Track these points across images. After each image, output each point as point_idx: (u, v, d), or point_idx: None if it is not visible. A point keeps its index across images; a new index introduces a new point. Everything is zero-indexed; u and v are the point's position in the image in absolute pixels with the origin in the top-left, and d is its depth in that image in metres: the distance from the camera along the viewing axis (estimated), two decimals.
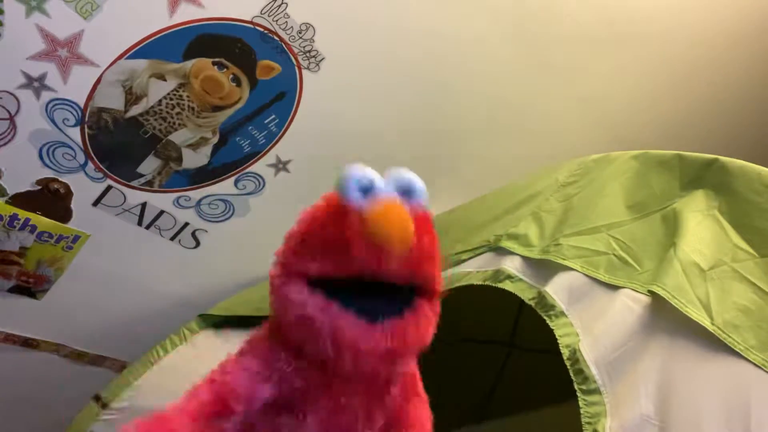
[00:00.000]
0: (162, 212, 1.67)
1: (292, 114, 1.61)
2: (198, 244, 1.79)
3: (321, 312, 0.60)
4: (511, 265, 1.08)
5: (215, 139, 1.58)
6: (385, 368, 0.65)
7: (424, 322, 0.64)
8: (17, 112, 1.37)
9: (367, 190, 0.59)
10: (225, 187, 1.68)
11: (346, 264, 0.60)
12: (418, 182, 0.62)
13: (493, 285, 1.08)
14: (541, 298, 0.98)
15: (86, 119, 1.43)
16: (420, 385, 0.78)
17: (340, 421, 0.68)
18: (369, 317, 0.61)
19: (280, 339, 0.66)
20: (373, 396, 0.69)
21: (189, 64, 1.43)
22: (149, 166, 1.56)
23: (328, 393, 0.66)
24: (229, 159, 1.63)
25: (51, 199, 1.53)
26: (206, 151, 1.59)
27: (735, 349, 0.74)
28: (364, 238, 0.58)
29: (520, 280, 1.05)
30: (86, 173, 1.52)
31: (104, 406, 1.50)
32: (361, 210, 0.58)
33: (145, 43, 1.36)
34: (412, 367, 0.77)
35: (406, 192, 0.61)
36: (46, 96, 1.37)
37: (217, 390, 0.64)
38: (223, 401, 0.63)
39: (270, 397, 0.65)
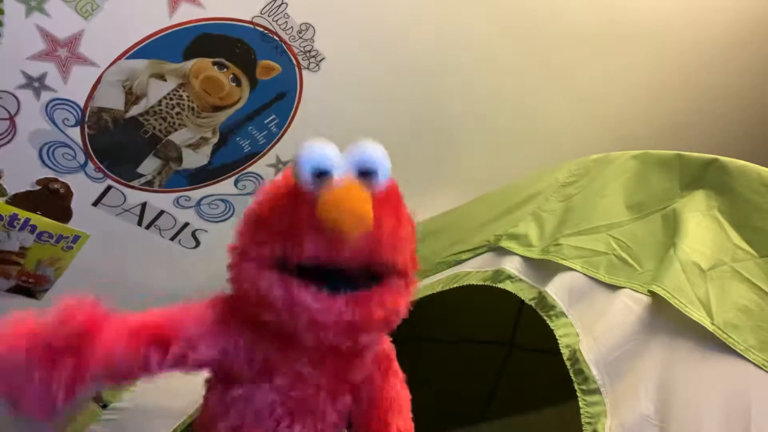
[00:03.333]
0: (162, 212, 1.67)
1: (292, 114, 1.61)
2: (198, 244, 1.79)
3: (278, 287, 0.58)
4: (511, 265, 1.08)
5: (215, 139, 1.58)
6: (349, 341, 0.62)
7: (393, 296, 0.62)
8: (17, 112, 1.37)
9: (322, 173, 0.56)
10: (225, 187, 1.68)
11: (299, 251, 0.57)
12: (379, 158, 0.59)
13: (493, 285, 1.08)
14: (541, 298, 0.98)
15: (86, 119, 1.43)
16: (395, 363, 0.76)
17: (300, 394, 0.65)
18: (330, 290, 0.58)
19: (240, 312, 0.64)
20: (339, 371, 0.67)
21: (189, 64, 1.43)
22: (149, 166, 1.56)
23: (289, 365, 0.64)
24: (229, 159, 1.63)
25: (51, 199, 1.53)
26: (206, 151, 1.59)
27: (735, 349, 0.74)
28: (315, 225, 0.55)
29: (520, 280, 1.05)
30: (86, 173, 1.52)
31: (104, 406, 1.50)
32: (314, 195, 0.55)
33: (145, 43, 1.36)
34: (387, 344, 0.75)
35: (367, 170, 0.58)
36: (46, 96, 1.37)
37: (165, 323, 0.62)
38: (163, 335, 0.61)
39: (214, 360, 0.63)
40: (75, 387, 0.55)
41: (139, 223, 1.67)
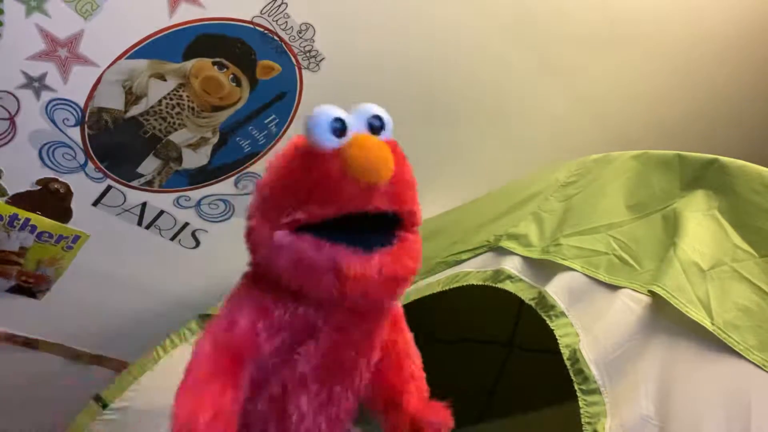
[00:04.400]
0: (162, 212, 1.67)
1: (292, 114, 1.61)
2: (198, 244, 1.79)
3: (316, 251, 0.61)
4: (511, 265, 1.08)
5: (215, 139, 1.58)
6: (387, 295, 0.66)
7: (413, 251, 0.66)
8: (17, 112, 1.37)
9: (339, 129, 0.60)
10: (225, 187, 1.68)
11: (335, 205, 0.60)
12: (383, 113, 0.64)
13: (493, 285, 1.09)
14: (542, 298, 0.98)
15: (86, 119, 1.43)
16: (405, 323, 0.80)
17: (341, 356, 0.69)
18: (363, 248, 0.61)
19: (272, 288, 0.66)
20: (372, 328, 0.71)
21: (189, 64, 1.43)
22: (149, 166, 1.56)
23: (328, 327, 0.67)
24: (229, 159, 1.63)
25: (51, 199, 1.53)
26: (206, 151, 1.59)
27: (735, 349, 0.74)
28: (349, 176, 0.58)
29: (520, 280, 1.05)
30: (86, 173, 1.52)
31: (104, 406, 1.50)
32: (339, 151, 0.59)
33: (145, 43, 1.36)
34: (397, 304, 0.79)
35: (374, 125, 0.62)
36: (46, 96, 1.37)
37: (225, 350, 0.64)
38: (233, 360, 0.63)
39: (273, 349, 0.66)
40: None
41: (139, 223, 1.67)
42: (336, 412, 0.70)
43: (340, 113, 0.61)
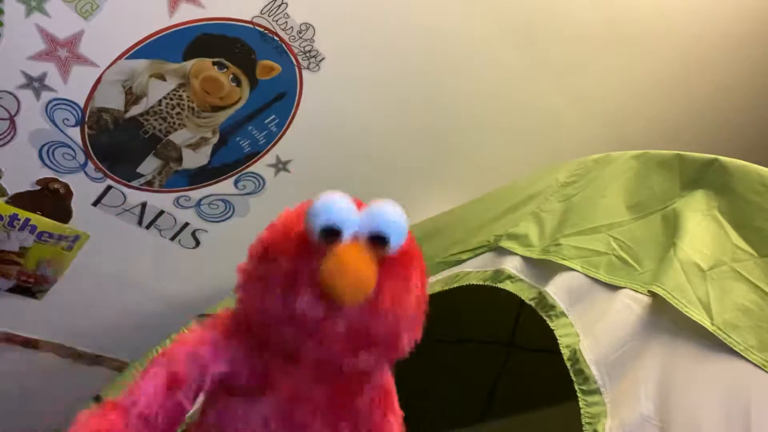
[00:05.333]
0: (162, 212, 1.67)
1: (292, 114, 1.61)
2: (198, 244, 1.79)
3: (279, 300, 0.59)
4: (511, 265, 1.08)
5: (215, 139, 1.58)
6: (348, 357, 0.61)
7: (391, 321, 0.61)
8: (17, 112, 1.37)
9: (331, 232, 0.55)
10: (225, 187, 1.68)
11: (292, 306, 0.57)
12: (395, 222, 0.57)
13: (493, 285, 1.08)
14: (542, 298, 0.98)
15: (86, 119, 1.43)
16: (395, 401, 0.74)
17: (297, 412, 0.65)
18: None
19: (244, 327, 0.65)
20: (337, 395, 0.67)
21: (189, 64, 1.43)
22: (149, 166, 1.56)
23: (289, 380, 0.64)
24: (229, 159, 1.63)
25: (51, 199, 1.53)
26: (206, 151, 1.59)
27: (735, 349, 0.74)
28: (316, 282, 0.55)
29: (520, 280, 1.05)
30: (86, 173, 1.52)
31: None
32: (321, 250, 0.55)
33: (145, 43, 1.36)
34: (387, 381, 0.74)
35: (379, 239, 0.56)
36: (46, 96, 1.37)
37: (172, 363, 0.63)
38: (177, 374, 0.62)
39: (225, 372, 0.64)
40: None
41: (139, 223, 1.67)
42: None
43: (343, 210, 0.56)
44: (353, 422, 0.69)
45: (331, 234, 0.55)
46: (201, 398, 0.68)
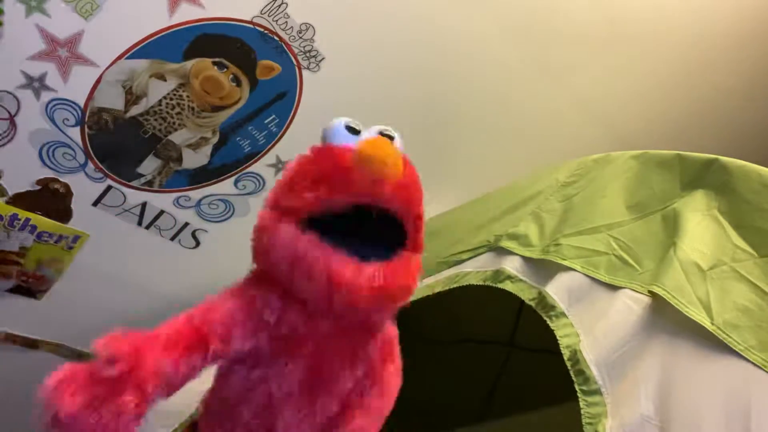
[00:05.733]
0: (162, 212, 1.67)
1: (292, 114, 1.61)
2: (198, 244, 1.79)
3: (314, 249, 0.62)
4: (511, 265, 1.08)
5: (215, 139, 1.58)
6: (375, 308, 0.66)
7: (410, 270, 0.67)
8: (17, 112, 1.37)
9: (354, 129, 0.66)
10: (225, 187, 1.68)
11: (344, 191, 0.63)
12: (394, 132, 0.70)
13: (493, 285, 1.08)
14: (542, 298, 0.98)
15: (86, 119, 1.43)
16: (398, 350, 0.79)
17: (325, 366, 0.68)
18: (360, 257, 0.63)
19: (267, 285, 0.67)
20: (358, 342, 0.71)
21: (189, 64, 1.43)
22: (149, 166, 1.56)
23: (314, 337, 0.67)
24: (229, 159, 1.63)
25: (51, 199, 1.53)
26: (206, 151, 1.59)
27: (735, 349, 0.74)
28: (359, 165, 0.61)
29: (521, 280, 1.05)
30: (86, 173, 1.52)
31: None
32: (353, 147, 0.63)
33: (145, 43, 1.36)
34: (392, 330, 0.78)
35: (388, 135, 0.68)
36: (46, 96, 1.37)
37: (197, 324, 0.64)
38: (200, 336, 0.63)
39: (246, 350, 0.65)
40: (142, 414, 0.57)
41: (139, 223, 1.67)
42: (320, 420, 0.70)
43: (355, 122, 0.66)
44: (365, 368, 0.73)
45: (353, 131, 0.65)
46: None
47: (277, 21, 1.43)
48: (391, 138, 0.67)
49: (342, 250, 0.62)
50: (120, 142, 1.49)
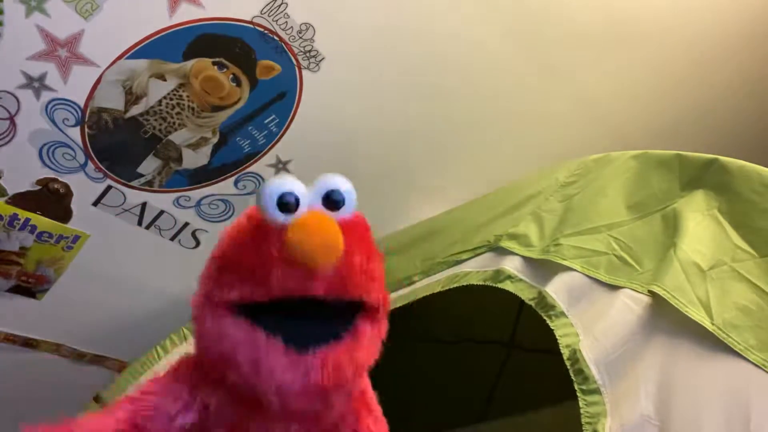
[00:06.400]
0: (162, 212, 1.67)
1: (292, 114, 1.61)
2: (198, 244, 1.79)
3: (243, 342, 0.55)
4: (511, 265, 1.08)
5: (215, 139, 1.58)
6: (320, 405, 0.58)
7: (364, 348, 0.58)
8: (17, 112, 1.37)
9: (288, 204, 0.54)
10: (225, 187, 1.68)
11: (268, 288, 0.54)
12: (345, 187, 0.57)
13: (493, 285, 1.08)
14: (542, 298, 0.98)
15: (86, 119, 1.43)
16: (373, 401, 0.71)
17: None
18: (298, 345, 0.54)
19: (205, 371, 0.61)
20: (310, 425, 0.63)
21: (189, 64, 1.43)
22: (149, 166, 1.56)
23: (258, 428, 0.61)
24: (229, 159, 1.63)
25: (51, 199, 1.53)
26: (206, 151, 1.59)
27: (735, 349, 0.74)
28: (283, 257, 0.53)
29: (520, 280, 1.05)
30: (86, 173, 1.52)
31: (104, 406, 1.50)
32: (281, 227, 0.53)
33: (145, 43, 1.36)
34: (363, 382, 0.70)
35: (333, 201, 0.56)
36: (46, 96, 1.37)
37: (134, 408, 0.60)
38: (139, 421, 0.59)
39: (190, 422, 0.61)
40: None
41: (139, 223, 1.67)
42: None
43: (294, 187, 0.55)
44: None
45: (288, 209, 0.54)
46: None
47: (277, 21, 1.43)
48: (336, 205, 0.56)
49: (278, 336, 0.54)
50: (120, 142, 1.49)
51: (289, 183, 0.55)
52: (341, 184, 0.57)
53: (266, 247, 0.54)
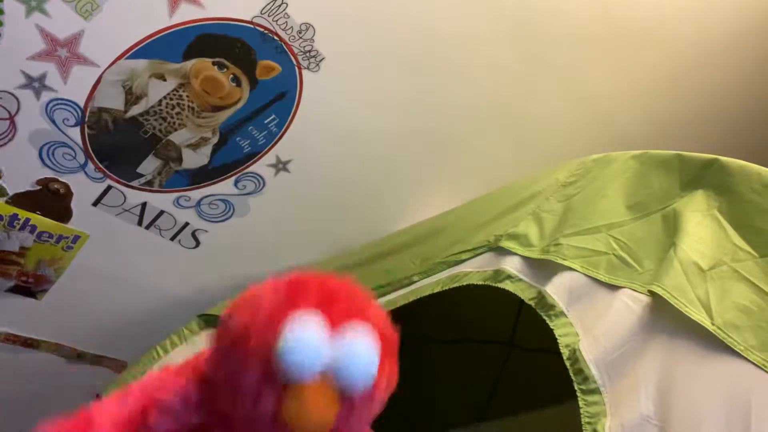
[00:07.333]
0: (162, 212, 1.67)
1: (292, 114, 1.61)
2: (198, 244, 1.79)
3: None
4: (511, 265, 1.08)
5: (215, 139, 1.58)
6: None
7: (360, 412, 0.60)
8: (17, 112, 1.37)
9: (300, 373, 0.55)
10: (225, 187, 1.68)
11: (247, 410, 0.58)
12: (362, 367, 0.57)
13: (493, 285, 1.09)
14: (541, 298, 0.98)
15: (86, 119, 1.43)
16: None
17: None
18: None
19: (211, 385, 0.65)
20: None
21: (189, 64, 1.43)
22: (149, 166, 1.56)
23: None
24: (229, 159, 1.63)
25: (51, 199, 1.53)
26: (206, 151, 1.59)
27: (735, 349, 0.74)
28: (278, 412, 0.56)
29: (520, 280, 1.05)
30: (86, 173, 1.52)
31: None
32: (285, 384, 0.55)
33: (145, 43, 1.36)
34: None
35: (346, 385, 0.56)
36: (46, 96, 1.37)
37: (148, 399, 0.63)
38: (150, 412, 0.62)
39: (194, 425, 0.64)
40: None
41: (139, 223, 1.67)
42: None
43: (312, 349, 0.55)
44: None
45: (303, 366, 0.55)
46: None
47: (277, 21, 1.43)
48: (352, 370, 0.56)
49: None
50: (120, 142, 1.49)
51: (306, 353, 0.55)
52: (359, 366, 0.57)
53: (268, 391, 0.56)
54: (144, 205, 1.64)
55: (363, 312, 0.60)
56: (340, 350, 0.56)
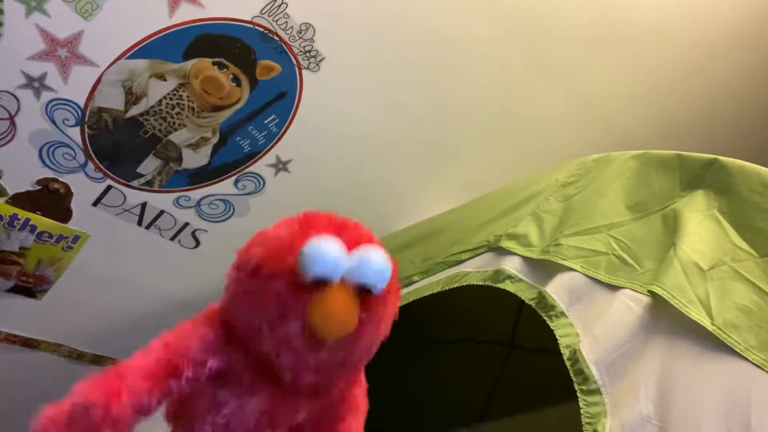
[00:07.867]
0: (162, 212, 1.67)
1: (292, 114, 1.61)
2: (198, 244, 1.79)
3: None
4: (511, 265, 1.08)
5: (215, 139, 1.58)
6: (327, 381, 0.67)
7: (376, 327, 0.64)
8: (17, 112, 1.37)
9: (324, 274, 0.59)
10: (225, 187, 1.68)
11: (279, 330, 0.61)
12: (379, 272, 0.62)
13: (493, 285, 1.08)
14: (542, 298, 0.98)
15: (86, 119, 1.43)
16: (362, 374, 0.78)
17: (281, 413, 0.69)
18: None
19: (230, 330, 0.68)
20: (314, 391, 0.70)
21: (189, 64, 1.43)
22: (149, 166, 1.56)
23: (275, 388, 0.67)
24: (229, 159, 1.63)
25: (51, 199, 1.53)
26: (206, 151, 1.59)
27: (735, 349, 0.74)
28: (303, 317, 0.60)
29: (520, 280, 1.05)
30: (86, 173, 1.52)
31: None
32: (310, 291, 0.59)
33: (145, 43, 1.36)
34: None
35: (366, 286, 0.61)
36: (46, 96, 1.37)
37: (172, 351, 0.66)
38: (175, 362, 0.65)
39: (219, 369, 0.67)
40: None
41: (139, 223, 1.67)
42: None
43: (333, 258, 0.59)
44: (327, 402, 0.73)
45: (321, 281, 0.59)
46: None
47: (277, 21, 1.43)
48: (368, 290, 0.61)
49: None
50: (120, 142, 1.49)
51: (328, 259, 0.59)
52: (376, 270, 0.62)
53: (292, 300, 0.60)
54: (144, 205, 1.64)
55: (371, 237, 0.67)
56: (357, 260, 0.61)
